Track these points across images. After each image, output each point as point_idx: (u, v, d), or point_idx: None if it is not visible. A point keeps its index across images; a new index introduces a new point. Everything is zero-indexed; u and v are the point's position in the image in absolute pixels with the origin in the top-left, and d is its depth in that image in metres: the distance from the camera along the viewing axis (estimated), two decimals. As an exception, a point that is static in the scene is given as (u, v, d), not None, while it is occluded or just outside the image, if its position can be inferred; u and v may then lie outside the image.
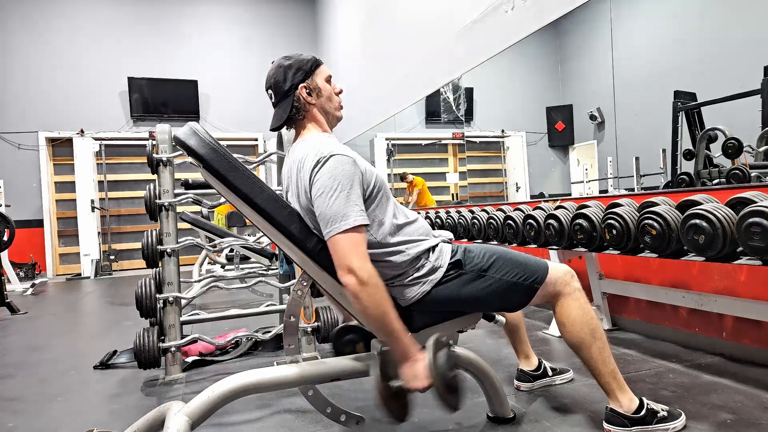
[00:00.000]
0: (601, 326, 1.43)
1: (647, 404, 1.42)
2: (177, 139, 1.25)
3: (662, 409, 1.45)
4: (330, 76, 1.44)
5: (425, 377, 1.19)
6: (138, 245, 7.16)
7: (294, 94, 1.37)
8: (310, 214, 1.29)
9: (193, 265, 5.24)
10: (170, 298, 2.28)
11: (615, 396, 1.42)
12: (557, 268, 1.44)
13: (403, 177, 6.66)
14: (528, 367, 1.85)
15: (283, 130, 2.39)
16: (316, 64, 1.41)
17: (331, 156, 1.24)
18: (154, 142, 2.38)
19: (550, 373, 1.87)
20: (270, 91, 1.40)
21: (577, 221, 2.15)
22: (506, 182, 5.94)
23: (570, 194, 4.83)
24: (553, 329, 2.66)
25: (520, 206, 2.74)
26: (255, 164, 2.35)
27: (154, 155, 2.34)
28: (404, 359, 1.22)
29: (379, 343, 1.37)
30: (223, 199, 1.56)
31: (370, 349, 1.39)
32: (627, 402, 1.41)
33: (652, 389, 1.80)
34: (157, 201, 2.34)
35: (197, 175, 4.52)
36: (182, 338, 2.29)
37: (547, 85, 5.29)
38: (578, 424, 1.55)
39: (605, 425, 1.44)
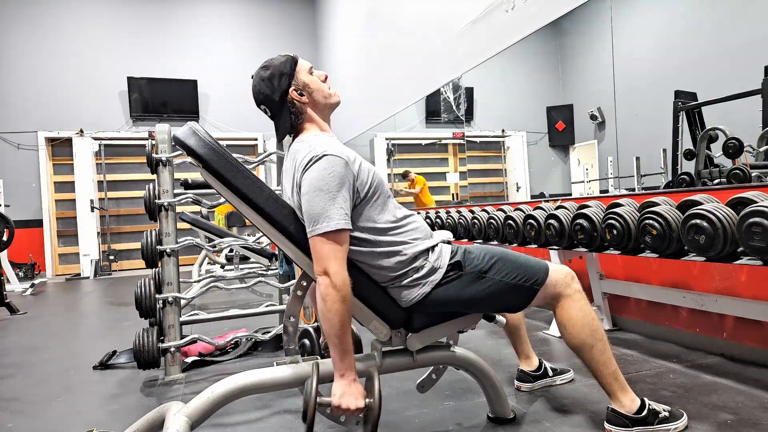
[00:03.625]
0: (602, 327, 1.43)
1: (649, 404, 1.42)
2: (176, 138, 1.25)
3: (664, 410, 1.44)
4: (311, 67, 1.43)
5: (358, 399, 1.19)
6: (137, 245, 7.14)
7: (287, 100, 1.37)
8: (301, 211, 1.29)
9: (192, 265, 5.24)
10: (170, 299, 2.27)
11: (616, 396, 1.41)
12: (557, 270, 1.43)
13: (405, 175, 6.66)
14: (528, 368, 1.85)
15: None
16: (294, 62, 1.40)
17: (323, 155, 1.23)
18: (154, 142, 2.37)
19: (550, 373, 1.87)
20: (263, 107, 1.39)
21: (577, 221, 2.14)
22: (506, 182, 5.93)
23: (570, 194, 4.83)
24: (554, 329, 2.65)
25: (520, 206, 2.73)
26: (255, 164, 2.35)
27: (154, 155, 2.34)
28: (340, 376, 1.21)
29: (379, 344, 1.37)
30: (222, 199, 1.56)
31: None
32: (628, 402, 1.41)
33: (653, 389, 1.80)
34: (157, 201, 2.33)
35: (197, 175, 4.52)
36: (182, 338, 2.29)
37: (548, 85, 5.29)
38: (579, 425, 1.54)
39: (606, 425, 1.44)
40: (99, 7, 7.77)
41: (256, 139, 8.36)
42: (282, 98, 1.36)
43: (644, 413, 1.40)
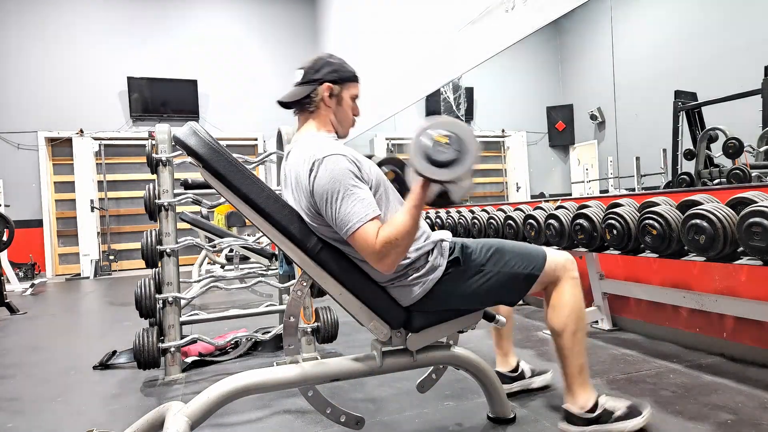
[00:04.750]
0: (586, 319, 1.44)
1: (603, 403, 1.43)
2: (176, 138, 1.25)
3: (621, 407, 1.44)
4: (357, 96, 1.47)
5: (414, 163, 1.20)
6: (137, 245, 7.13)
7: (317, 87, 1.39)
8: (312, 215, 1.29)
9: (192, 265, 5.24)
10: (170, 299, 2.27)
11: (573, 391, 1.43)
12: (558, 255, 1.45)
13: None
14: (505, 368, 1.80)
15: (282, 130, 2.39)
16: (353, 78, 1.44)
17: (324, 158, 1.24)
18: (154, 142, 2.37)
19: (528, 374, 1.83)
20: (300, 72, 1.42)
21: (577, 221, 2.14)
22: (506, 182, 5.94)
23: (570, 194, 4.83)
24: (554, 329, 2.65)
25: (520, 206, 2.73)
26: (255, 164, 2.35)
27: (154, 155, 2.34)
28: (421, 195, 1.22)
29: (379, 344, 1.37)
30: (222, 199, 1.56)
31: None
32: (583, 400, 1.42)
33: (653, 389, 1.80)
34: (157, 201, 2.33)
35: (197, 175, 4.51)
36: (182, 338, 2.29)
37: (548, 85, 5.29)
38: (579, 425, 1.54)
39: (560, 425, 1.46)
40: (99, 7, 7.77)
41: (256, 139, 8.36)
42: (316, 81, 1.39)
43: (597, 412, 1.41)
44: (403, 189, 1.52)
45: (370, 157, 1.60)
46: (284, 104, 1.42)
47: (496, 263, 1.37)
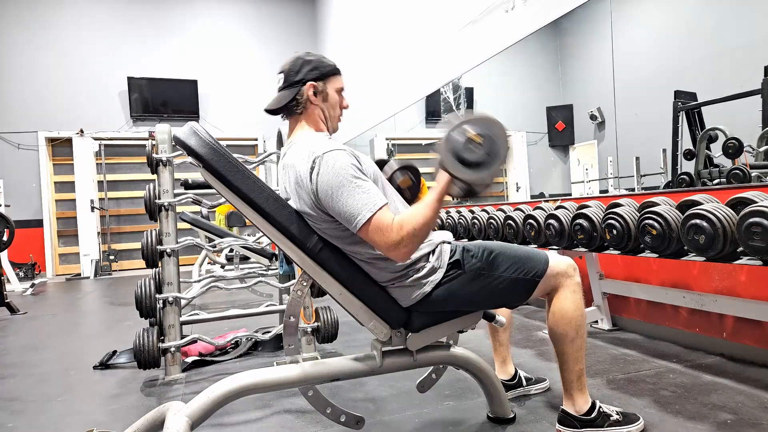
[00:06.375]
0: (586, 326, 1.45)
1: (600, 407, 1.44)
2: (177, 138, 1.25)
3: (617, 413, 1.46)
4: (342, 89, 1.46)
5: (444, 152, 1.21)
6: (138, 245, 7.14)
7: (300, 88, 1.38)
8: (314, 213, 1.29)
9: (192, 265, 5.24)
10: (170, 299, 2.27)
11: (571, 395, 1.43)
12: (560, 261, 1.44)
13: None
14: (503, 376, 1.79)
15: (282, 130, 2.39)
16: (334, 71, 1.43)
17: (324, 154, 1.24)
18: (154, 142, 2.37)
19: (524, 383, 1.82)
20: (281, 75, 1.41)
21: (577, 221, 2.15)
22: (506, 182, 5.93)
23: (570, 194, 4.83)
24: (554, 329, 2.65)
25: (520, 206, 2.74)
26: (255, 164, 2.35)
27: (154, 155, 2.34)
28: (444, 190, 1.24)
29: (379, 344, 1.37)
30: (222, 199, 1.56)
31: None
32: (581, 403, 1.43)
33: (653, 389, 1.80)
34: (157, 201, 2.33)
35: (197, 175, 4.50)
36: (182, 338, 2.29)
37: (548, 85, 5.29)
38: (579, 425, 1.54)
39: (557, 426, 1.46)
40: (99, 7, 7.77)
41: (256, 139, 8.36)
42: (298, 82, 1.38)
43: (593, 415, 1.42)
44: (414, 197, 1.52)
45: (385, 162, 1.60)
46: (272, 111, 1.42)
47: (497, 268, 1.37)
